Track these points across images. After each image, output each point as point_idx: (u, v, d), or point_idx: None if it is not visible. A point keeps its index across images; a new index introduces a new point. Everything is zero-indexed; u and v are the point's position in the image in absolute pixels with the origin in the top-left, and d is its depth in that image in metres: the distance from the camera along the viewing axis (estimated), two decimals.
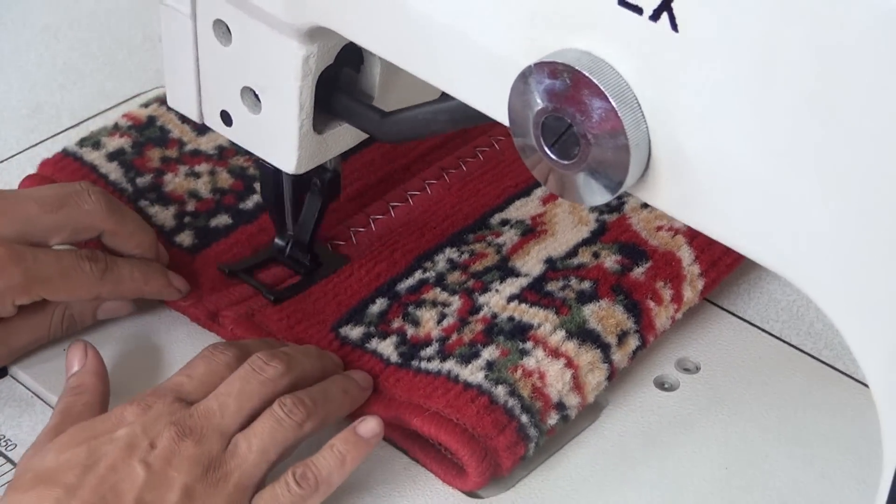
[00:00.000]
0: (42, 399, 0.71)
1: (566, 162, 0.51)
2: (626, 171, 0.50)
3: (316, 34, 0.62)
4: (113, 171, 0.81)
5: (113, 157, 0.82)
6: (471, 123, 0.62)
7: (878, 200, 0.44)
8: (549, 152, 0.51)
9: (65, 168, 0.81)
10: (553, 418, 0.68)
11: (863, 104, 0.43)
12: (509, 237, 0.78)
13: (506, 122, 0.54)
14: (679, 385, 0.72)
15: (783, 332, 0.76)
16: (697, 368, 0.73)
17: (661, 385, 0.72)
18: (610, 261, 0.75)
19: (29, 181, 0.81)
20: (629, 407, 0.71)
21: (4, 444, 0.68)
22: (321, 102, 0.66)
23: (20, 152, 0.85)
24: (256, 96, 0.67)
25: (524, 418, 0.67)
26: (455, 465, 0.67)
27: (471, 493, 0.67)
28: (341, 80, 0.67)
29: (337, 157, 0.72)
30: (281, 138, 0.67)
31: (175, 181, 0.81)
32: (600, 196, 0.51)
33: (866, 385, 0.48)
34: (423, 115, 0.64)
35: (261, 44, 0.65)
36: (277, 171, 0.71)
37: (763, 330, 0.76)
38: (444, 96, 0.61)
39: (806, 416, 0.71)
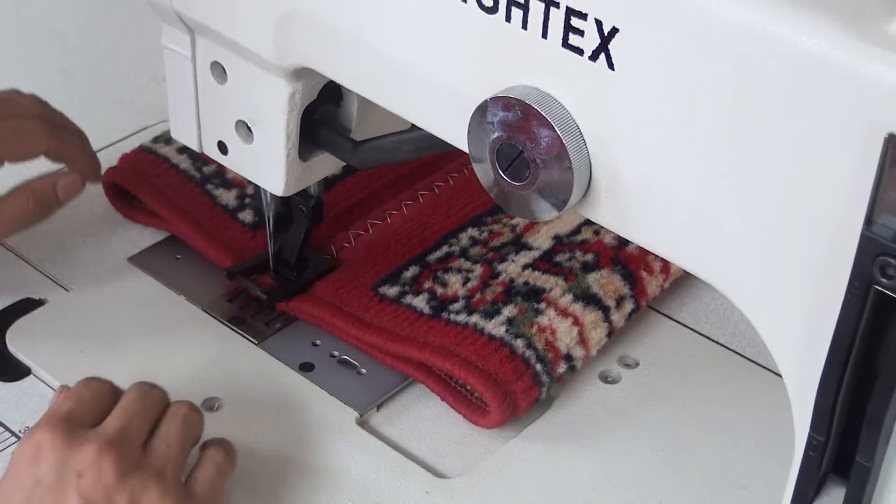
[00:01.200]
0: None
1: (518, 184, 0.52)
2: (571, 191, 0.50)
3: (301, 74, 0.63)
4: (183, 162, 0.83)
5: (182, 150, 0.84)
6: (433, 151, 0.62)
7: (787, 216, 0.44)
8: (503, 175, 0.52)
9: (142, 160, 0.84)
10: (562, 367, 0.71)
11: (771, 135, 0.43)
12: (521, 219, 0.80)
13: (466, 150, 0.54)
14: (621, 379, 0.74)
15: (712, 333, 0.78)
16: (637, 364, 0.75)
17: (605, 379, 0.74)
18: (609, 237, 0.78)
19: (111, 172, 0.83)
20: (577, 398, 0.73)
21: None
22: (305, 134, 0.67)
23: None
24: (249, 128, 0.67)
25: (538, 367, 0.70)
26: (479, 406, 0.70)
27: (438, 474, 0.68)
28: (323, 114, 0.67)
29: (321, 184, 0.73)
30: (270, 165, 0.68)
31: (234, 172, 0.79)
32: (548, 213, 0.52)
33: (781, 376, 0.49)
34: (389, 144, 0.65)
35: (252, 82, 0.65)
36: (271, 194, 0.72)
37: (694, 331, 0.78)
38: (412, 127, 0.62)
39: (731, 404, 0.73)
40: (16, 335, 0.75)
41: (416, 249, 0.79)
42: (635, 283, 0.76)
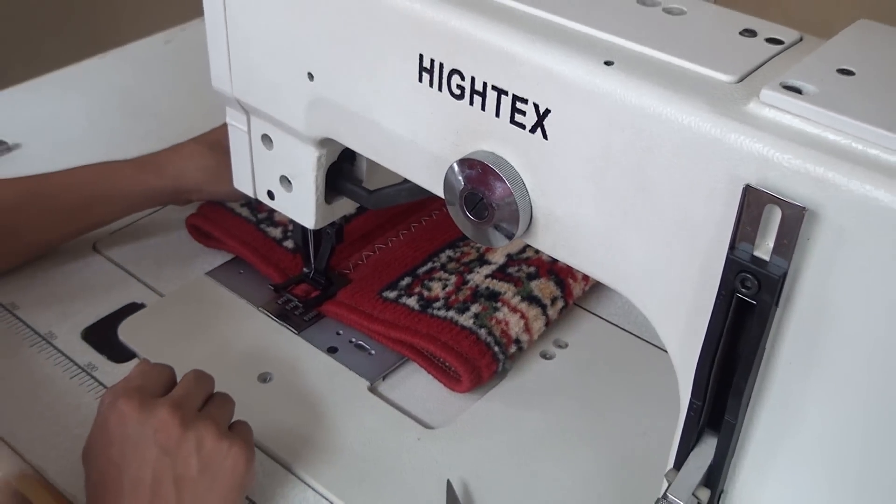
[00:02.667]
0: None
1: (479, 220, 0.51)
2: (517, 226, 0.50)
3: (324, 142, 0.62)
4: (245, 212, 0.81)
5: (243, 205, 0.82)
6: (421, 196, 0.60)
7: (674, 245, 0.44)
8: (468, 215, 0.52)
9: (214, 210, 0.81)
10: (513, 348, 0.71)
11: (663, 185, 0.44)
12: None
13: (442, 196, 0.54)
14: (556, 356, 0.73)
15: (620, 322, 0.76)
16: (567, 345, 0.74)
17: (544, 356, 0.73)
18: (546, 255, 0.76)
19: (193, 218, 0.81)
20: (524, 370, 0.71)
21: None
22: (330, 184, 0.66)
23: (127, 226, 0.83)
24: (289, 181, 0.66)
25: (496, 349, 0.70)
26: (454, 377, 0.69)
27: (426, 426, 0.66)
28: (343, 170, 0.66)
29: (342, 217, 0.71)
30: (305, 207, 0.67)
31: (281, 215, 0.78)
32: (501, 241, 0.52)
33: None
34: (392, 191, 0.64)
35: (291, 149, 0.64)
36: (305, 227, 0.70)
37: (608, 321, 0.76)
38: (405, 180, 0.60)
39: (635, 375, 0.71)
40: (125, 329, 0.74)
41: (409, 265, 0.78)
42: (565, 288, 0.75)
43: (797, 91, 0.41)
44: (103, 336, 0.73)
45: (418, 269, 0.77)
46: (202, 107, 1.00)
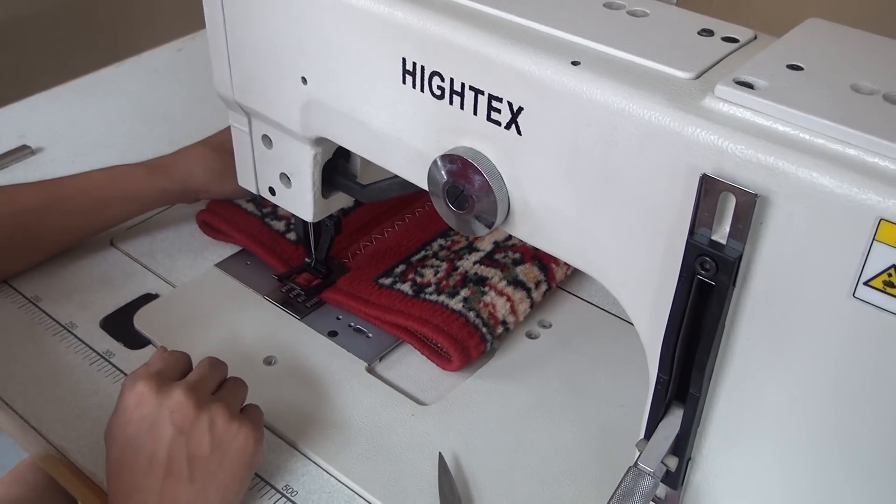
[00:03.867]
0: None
1: (461, 211, 0.51)
2: (496, 216, 0.50)
3: (319, 141, 0.62)
4: (250, 207, 0.81)
5: (249, 200, 0.81)
6: (412, 189, 0.58)
7: (639, 231, 0.45)
8: (451, 206, 0.52)
9: (222, 205, 0.81)
10: (500, 329, 0.70)
11: (627, 176, 0.44)
12: None
13: (427, 188, 0.54)
14: (540, 336, 0.72)
15: (599, 303, 0.76)
16: (550, 325, 0.73)
17: (529, 336, 0.72)
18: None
19: (202, 214, 0.80)
20: (511, 349, 0.71)
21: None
22: (326, 180, 0.66)
23: (142, 222, 0.83)
24: (288, 178, 0.66)
25: (484, 330, 0.69)
26: (445, 357, 0.69)
27: (419, 402, 0.66)
28: (338, 166, 0.66)
29: (339, 211, 0.70)
30: (304, 201, 0.67)
31: (282, 209, 0.79)
32: (481, 230, 0.52)
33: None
34: (385, 185, 0.64)
35: (289, 148, 0.64)
36: (304, 221, 0.70)
37: (588, 302, 0.76)
38: (396, 175, 0.59)
39: (613, 350, 0.71)
40: (140, 318, 0.74)
41: (404, 253, 0.78)
42: (548, 272, 0.75)
43: (749, 86, 0.41)
44: (120, 325, 0.73)
45: (412, 256, 0.77)
46: (210, 110, 1.00)
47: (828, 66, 0.42)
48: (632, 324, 0.69)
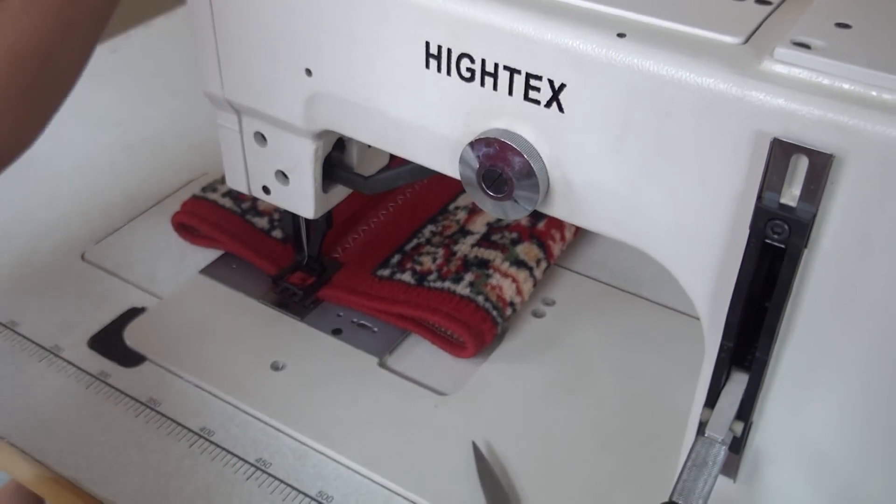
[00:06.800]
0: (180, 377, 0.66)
1: (499, 196, 0.50)
2: (536, 198, 0.49)
3: (321, 134, 0.59)
4: (228, 203, 0.77)
5: (225, 195, 0.78)
6: (420, 178, 0.59)
7: (696, 197, 0.43)
8: (487, 191, 0.50)
9: (197, 204, 0.77)
10: (509, 311, 0.69)
11: (685, 145, 0.43)
12: (462, 215, 0.78)
13: (452, 176, 0.52)
14: (546, 314, 0.72)
15: (597, 275, 0.75)
16: (554, 303, 0.73)
17: (535, 314, 0.72)
18: (525, 220, 0.76)
19: (178, 216, 0.77)
20: (520, 329, 0.71)
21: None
22: (325, 174, 0.63)
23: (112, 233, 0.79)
24: (285, 175, 0.63)
25: (494, 313, 0.68)
26: (458, 344, 0.67)
27: (439, 393, 0.65)
28: (333, 158, 0.63)
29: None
30: (304, 198, 0.64)
31: (265, 204, 0.77)
32: (521, 213, 0.50)
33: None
34: (391, 175, 0.62)
35: (286, 144, 0.61)
36: (294, 216, 0.69)
37: (586, 276, 0.75)
38: (404, 162, 0.56)
39: (616, 324, 0.71)
40: (131, 334, 0.70)
41: (395, 243, 0.76)
42: (546, 250, 0.74)
43: (806, 47, 0.40)
44: (110, 343, 0.69)
45: (405, 245, 0.75)
46: (166, 111, 0.96)
47: (874, 22, 0.42)
48: (630, 292, 0.75)
